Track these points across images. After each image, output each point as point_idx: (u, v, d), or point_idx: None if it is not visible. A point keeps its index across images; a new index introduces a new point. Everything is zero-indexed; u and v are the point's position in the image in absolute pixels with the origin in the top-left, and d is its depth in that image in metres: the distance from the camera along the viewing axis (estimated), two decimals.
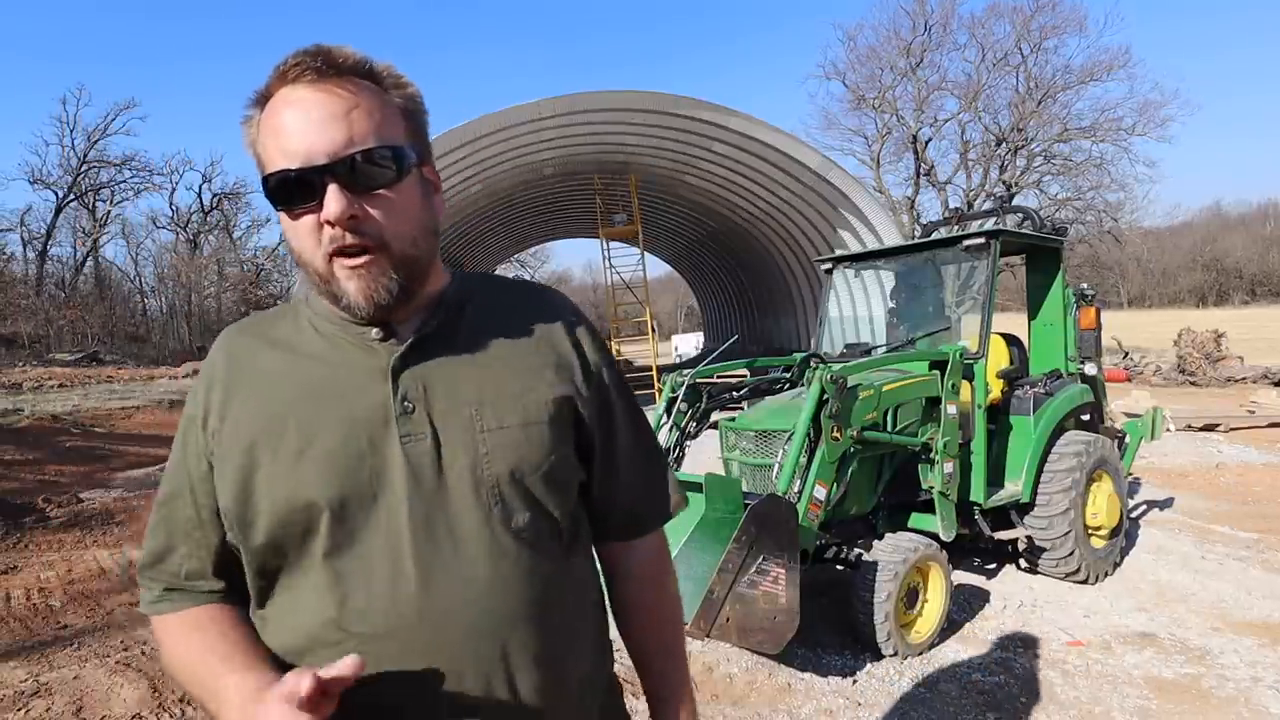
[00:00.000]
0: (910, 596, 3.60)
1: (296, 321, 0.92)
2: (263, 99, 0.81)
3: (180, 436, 0.90)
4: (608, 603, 1.06)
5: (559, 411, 0.90)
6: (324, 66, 0.78)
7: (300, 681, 0.66)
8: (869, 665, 3.42)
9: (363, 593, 0.81)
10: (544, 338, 0.95)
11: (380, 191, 0.80)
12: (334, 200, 0.77)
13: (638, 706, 1.12)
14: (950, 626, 3.79)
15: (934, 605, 3.67)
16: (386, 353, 0.86)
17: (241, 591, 0.90)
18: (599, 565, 1.06)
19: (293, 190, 0.78)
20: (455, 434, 0.85)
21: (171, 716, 3.21)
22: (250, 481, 0.82)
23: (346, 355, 0.87)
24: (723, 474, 3.64)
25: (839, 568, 3.77)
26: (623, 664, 1.08)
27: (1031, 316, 5.04)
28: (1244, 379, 13.30)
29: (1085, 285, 5.17)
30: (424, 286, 0.89)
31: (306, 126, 0.77)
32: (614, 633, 1.06)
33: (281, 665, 0.82)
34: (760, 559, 2.79)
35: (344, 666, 0.69)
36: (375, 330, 0.87)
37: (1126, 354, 16.15)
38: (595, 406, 0.96)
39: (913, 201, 24.79)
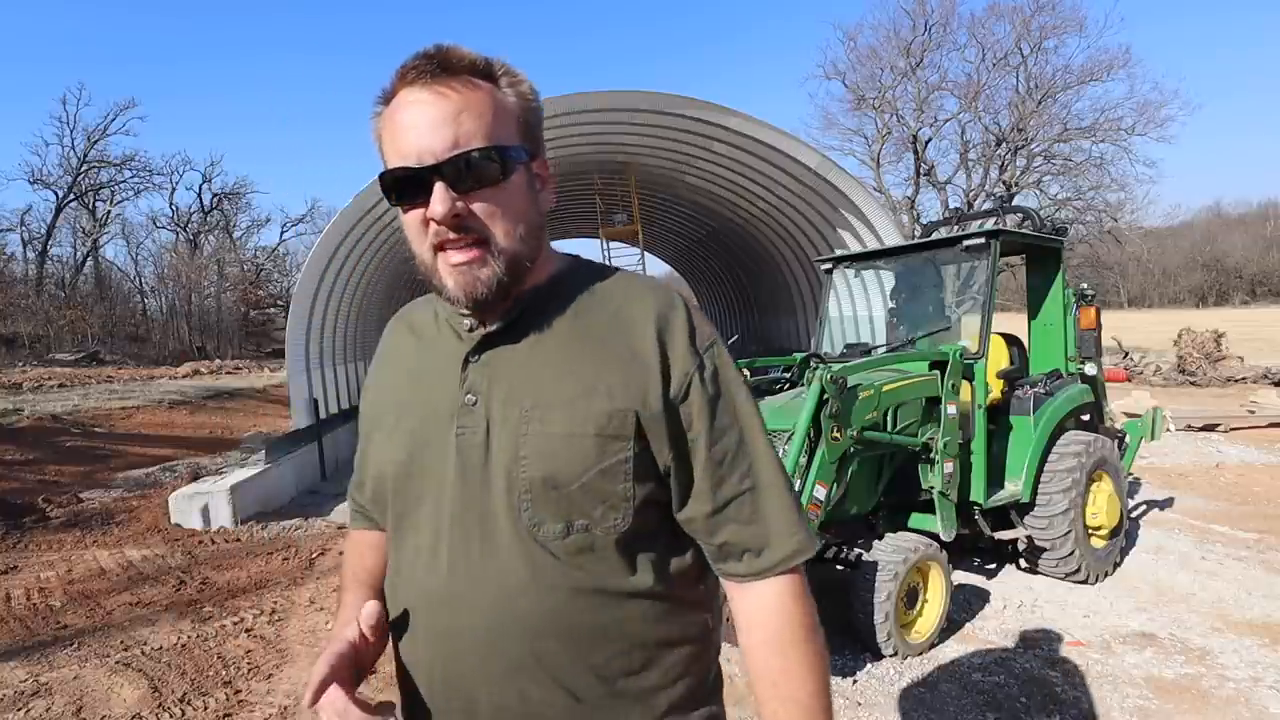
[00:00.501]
0: (910, 596, 3.60)
1: (429, 306, 1.01)
2: (387, 97, 0.85)
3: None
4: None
5: (612, 424, 0.85)
6: (439, 68, 0.81)
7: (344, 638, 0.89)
8: (869, 665, 3.43)
9: (408, 565, 0.91)
10: (626, 342, 0.88)
11: (485, 190, 0.82)
12: (438, 199, 0.80)
13: None
14: (950, 626, 3.79)
15: (934, 605, 3.67)
16: (468, 344, 0.90)
17: None
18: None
19: (404, 187, 0.83)
20: (504, 432, 0.86)
21: (171, 716, 3.21)
22: (366, 448, 0.99)
23: (446, 343, 0.94)
24: None
25: (839, 568, 3.77)
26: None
27: (1031, 316, 5.04)
28: (1244, 379, 13.30)
29: (1085, 285, 5.17)
30: (525, 281, 0.89)
31: (418, 128, 0.81)
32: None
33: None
34: None
35: (364, 618, 0.90)
36: (469, 321, 0.91)
37: (1126, 354, 16.14)
38: (671, 423, 0.87)
39: (913, 201, 24.77)
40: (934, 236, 5.15)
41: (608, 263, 1.01)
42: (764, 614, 0.90)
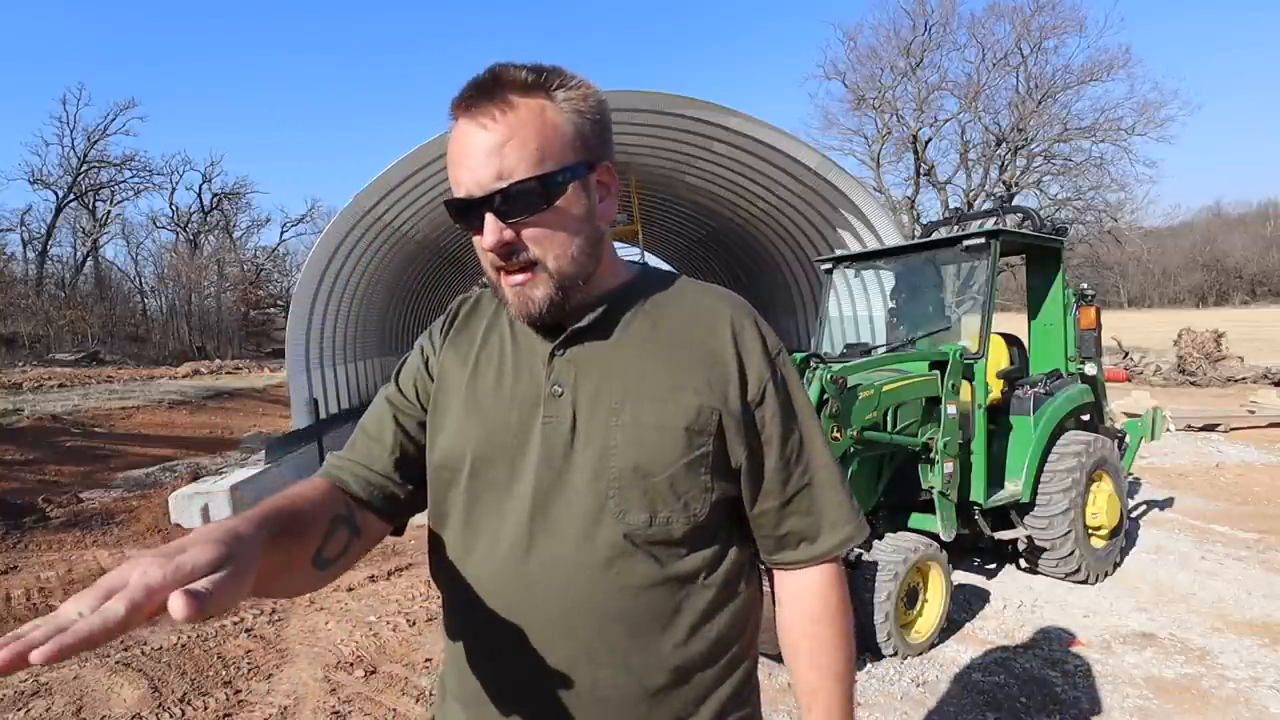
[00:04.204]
0: (910, 596, 3.60)
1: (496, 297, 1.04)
2: (452, 118, 0.88)
3: (405, 363, 1.07)
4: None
5: (698, 420, 0.90)
6: (486, 95, 0.84)
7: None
8: (869, 665, 3.43)
9: (484, 547, 0.92)
10: (706, 345, 0.94)
11: (532, 217, 0.85)
12: (488, 230, 0.85)
13: None
14: (950, 626, 3.79)
15: (934, 605, 3.67)
16: (554, 339, 0.94)
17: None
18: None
19: (463, 216, 0.87)
20: (592, 423, 0.90)
21: (171, 717, 3.21)
22: (438, 423, 0.98)
23: (528, 336, 0.97)
24: None
25: None
26: None
27: (1031, 316, 5.04)
28: (1244, 379, 13.30)
29: (1085, 285, 5.16)
30: (585, 291, 0.92)
31: (468, 159, 0.84)
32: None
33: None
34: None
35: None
36: (522, 322, 0.95)
37: (1126, 354, 16.14)
38: (746, 423, 0.93)
39: (913, 201, 24.79)
40: (934, 236, 5.14)
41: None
42: (811, 594, 0.98)
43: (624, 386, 0.91)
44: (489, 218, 0.84)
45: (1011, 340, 4.88)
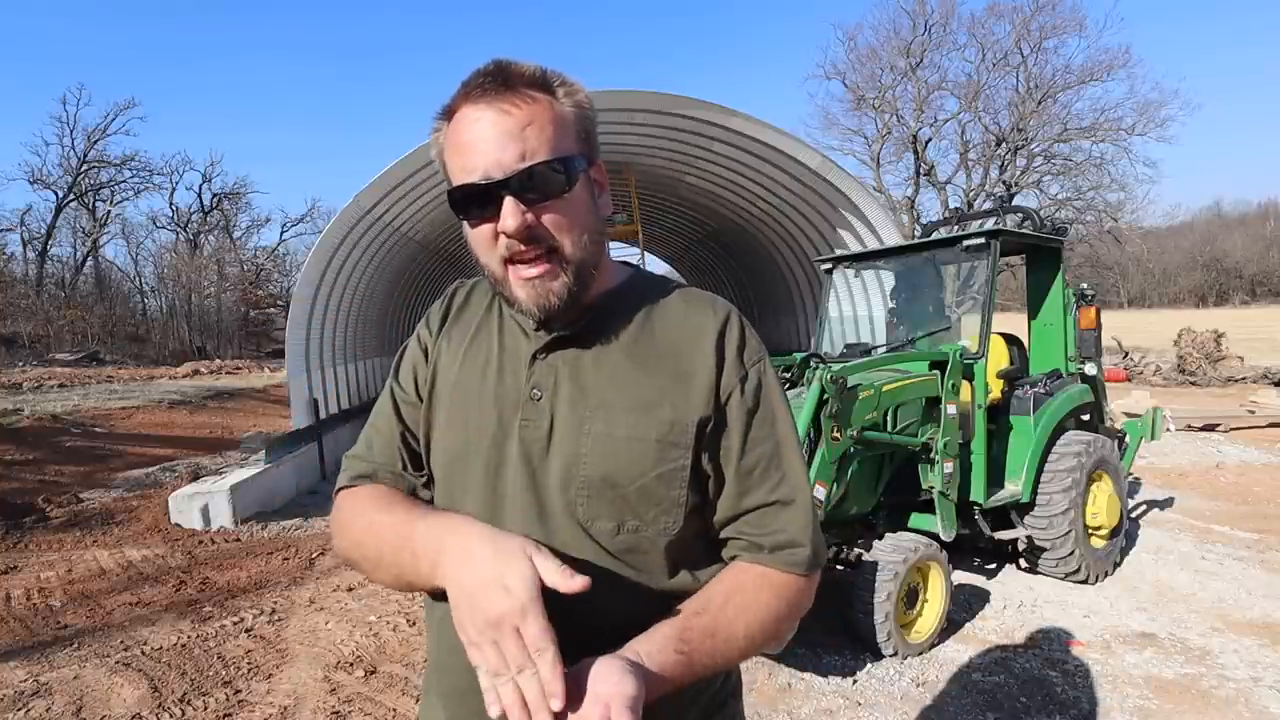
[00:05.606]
0: (910, 596, 3.60)
1: (488, 293, 1.04)
2: (449, 113, 0.87)
3: (405, 355, 1.06)
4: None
5: (673, 433, 0.89)
6: (500, 84, 0.84)
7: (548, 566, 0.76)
8: (869, 665, 3.43)
9: None
10: (688, 355, 0.92)
11: (552, 201, 0.85)
12: (510, 214, 0.82)
13: None
14: (950, 626, 3.79)
15: (934, 605, 3.68)
16: (536, 342, 0.94)
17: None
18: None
19: (473, 203, 0.85)
20: (566, 429, 0.90)
21: (171, 717, 3.21)
22: (430, 420, 0.99)
23: (514, 337, 0.97)
24: None
25: (839, 568, 3.78)
26: None
27: (1031, 316, 5.04)
28: (1244, 379, 13.31)
29: (1085, 285, 5.17)
30: (591, 287, 0.92)
31: (485, 144, 0.83)
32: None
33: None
34: None
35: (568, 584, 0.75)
36: (533, 320, 0.92)
37: (1126, 354, 16.14)
38: (718, 431, 0.92)
39: (913, 201, 24.78)
40: (934, 236, 5.14)
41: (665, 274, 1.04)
42: (764, 574, 0.91)
43: (599, 396, 0.90)
44: (509, 201, 0.82)
45: (1011, 340, 4.88)
